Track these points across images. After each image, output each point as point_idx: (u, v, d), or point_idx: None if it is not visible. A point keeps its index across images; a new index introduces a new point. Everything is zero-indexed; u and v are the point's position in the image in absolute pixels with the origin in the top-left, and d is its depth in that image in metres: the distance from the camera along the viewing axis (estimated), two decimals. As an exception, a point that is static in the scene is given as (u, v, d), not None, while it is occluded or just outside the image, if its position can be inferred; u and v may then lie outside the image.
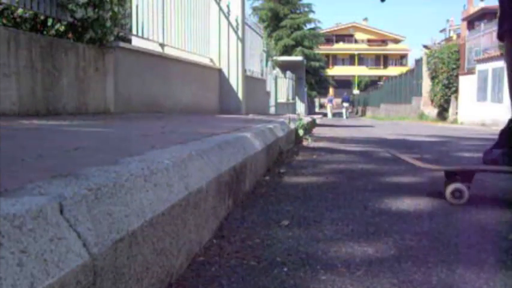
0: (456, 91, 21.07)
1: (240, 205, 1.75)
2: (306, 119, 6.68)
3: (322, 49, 49.52)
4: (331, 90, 48.14)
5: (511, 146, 2.07)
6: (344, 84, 57.46)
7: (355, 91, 56.50)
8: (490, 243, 1.33)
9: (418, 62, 26.51)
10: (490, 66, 17.61)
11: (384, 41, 64.82)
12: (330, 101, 36.65)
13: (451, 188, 1.88)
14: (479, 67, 18.56)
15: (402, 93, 30.77)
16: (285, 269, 1.11)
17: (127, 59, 5.31)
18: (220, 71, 8.59)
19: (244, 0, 8.94)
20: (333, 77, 53.13)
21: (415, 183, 2.48)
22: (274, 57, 18.99)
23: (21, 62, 3.55)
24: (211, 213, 1.35)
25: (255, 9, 36.96)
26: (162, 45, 6.47)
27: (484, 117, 17.85)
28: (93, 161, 1.07)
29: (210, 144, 1.63)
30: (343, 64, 63.13)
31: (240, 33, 8.69)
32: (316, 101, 46.15)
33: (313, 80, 39.23)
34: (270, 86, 15.43)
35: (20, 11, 4.10)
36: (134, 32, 5.74)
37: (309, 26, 39.96)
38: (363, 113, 45.05)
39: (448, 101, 21.63)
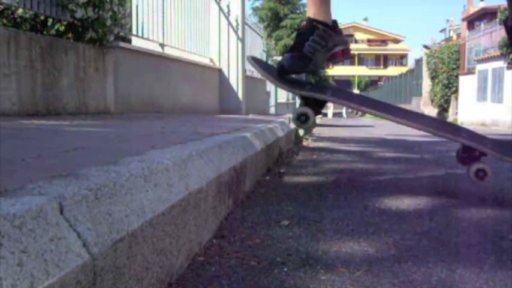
0: (456, 91, 21.08)
1: (240, 205, 1.75)
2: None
3: (322, 49, 49.37)
4: (331, 90, 47.95)
5: (300, 49, 2.01)
6: (344, 84, 57.44)
7: (355, 91, 56.50)
8: (490, 243, 1.33)
9: (418, 62, 26.53)
10: (490, 66, 17.60)
11: (383, 41, 64.81)
12: None
13: None
14: (479, 67, 18.55)
15: (402, 93, 30.78)
16: (285, 269, 1.11)
17: (127, 59, 5.31)
18: (220, 71, 8.59)
19: (244, 0, 8.94)
20: (333, 77, 53.12)
21: (415, 183, 2.48)
22: (274, 57, 18.99)
23: (21, 62, 3.55)
24: (211, 213, 1.35)
25: (255, 9, 36.97)
26: (162, 45, 6.47)
27: (484, 117, 17.85)
28: (93, 161, 1.07)
29: (210, 144, 1.63)
30: (343, 64, 63.06)
31: (240, 33, 8.69)
32: (316, 101, 46.06)
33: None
34: (270, 86, 15.43)
35: (20, 11, 4.10)
36: (134, 32, 5.74)
37: (309, 26, 39.93)
38: (363, 113, 45.02)
39: (448, 101, 21.63)
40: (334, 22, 2.05)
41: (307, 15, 2.06)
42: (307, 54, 2.00)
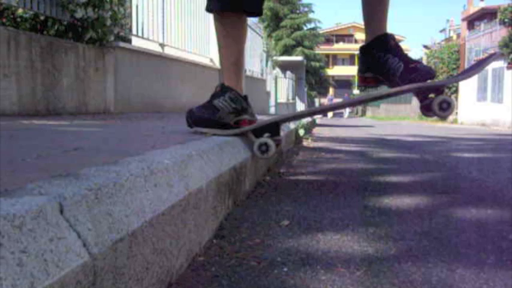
0: (456, 91, 21.09)
1: (240, 205, 1.75)
2: (306, 119, 6.68)
3: (322, 49, 49.55)
4: (331, 90, 48.18)
5: (211, 102, 2.13)
6: (344, 84, 57.43)
7: (355, 91, 56.45)
8: (490, 243, 1.33)
9: (418, 62, 26.49)
10: (490, 66, 17.60)
11: (384, 41, 64.64)
12: (330, 100, 36.79)
13: None
14: (479, 67, 18.53)
15: (402, 93, 30.74)
16: (285, 269, 1.11)
17: (127, 59, 5.31)
18: (220, 71, 8.59)
19: (244, 0, 8.94)
20: (333, 77, 53.20)
21: (415, 183, 2.48)
22: (274, 57, 19.00)
23: (21, 62, 3.55)
24: (211, 213, 1.35)
25: (255, 9, 36.95)
26: (162, 45, 6.47)
27: (484, 117, 17.86)
28: (93, 161, 1.07)
29: (210, 144, 1.63)
30: (343, 64, 63.11)
31: (240, 33, 8.69)
32: (316, 101, 46.22)
33: (313, 80, 39.31)
34: (270, 86, 15.44)
35: (20, 11, 4.10)
36: (134, 32, 5.74)
37: (309, 26, 40.04)
38: (363, 113, 45.04)
39: (448, 101, 21.62)
40: (246, 96, 2.21)
41: (221, 82, 2.22)
42: (216, 105, 2.13)
